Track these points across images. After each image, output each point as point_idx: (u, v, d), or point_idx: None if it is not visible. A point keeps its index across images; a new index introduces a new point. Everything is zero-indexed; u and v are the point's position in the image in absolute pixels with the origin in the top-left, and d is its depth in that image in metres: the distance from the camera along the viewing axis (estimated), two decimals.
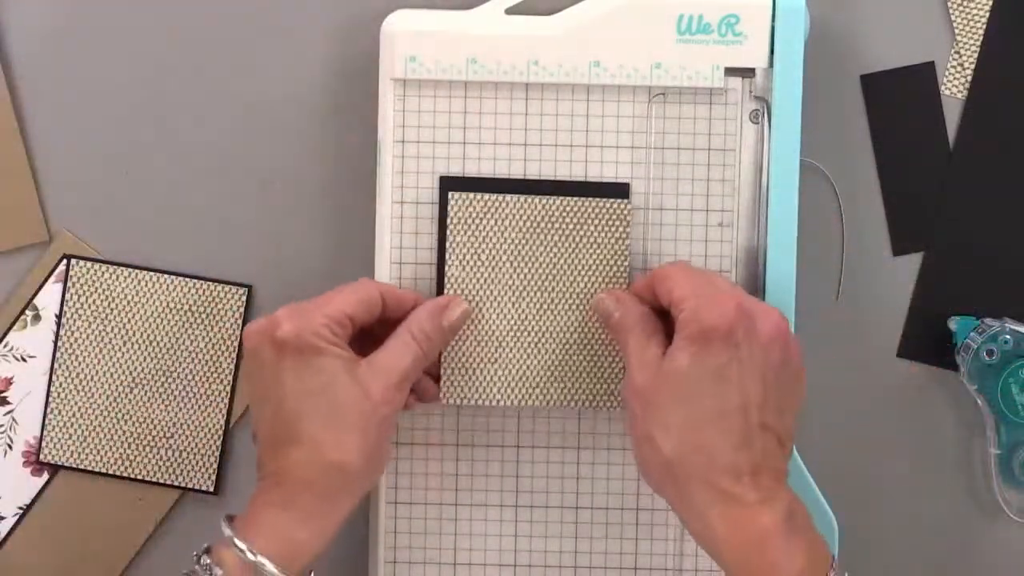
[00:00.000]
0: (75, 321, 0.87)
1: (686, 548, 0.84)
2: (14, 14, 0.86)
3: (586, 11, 0.82)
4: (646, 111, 0.82)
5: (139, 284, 0.87)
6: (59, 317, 0.87)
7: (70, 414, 0.87)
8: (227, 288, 0.87)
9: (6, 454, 0.87)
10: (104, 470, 0.87)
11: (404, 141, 0.83)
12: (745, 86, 0.82)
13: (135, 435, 0.87)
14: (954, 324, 0.85)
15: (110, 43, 0.86)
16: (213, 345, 0.87)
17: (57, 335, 0.87)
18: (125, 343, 0.87)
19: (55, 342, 0.87)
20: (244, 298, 0.87)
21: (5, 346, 0.87)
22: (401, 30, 0.82)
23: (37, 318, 0.87)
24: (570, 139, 0.83)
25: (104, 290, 0.87)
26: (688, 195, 0.83)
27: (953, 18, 0.86)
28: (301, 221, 0.87)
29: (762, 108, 0.82)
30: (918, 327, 0.87)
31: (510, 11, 0.83)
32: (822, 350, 0.85)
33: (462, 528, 0.84)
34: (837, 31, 0.85)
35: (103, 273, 0.87)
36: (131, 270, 0.87)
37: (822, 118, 0.85)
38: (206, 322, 0.87)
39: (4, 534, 0.87)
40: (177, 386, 0.87)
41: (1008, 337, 0.83)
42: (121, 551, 0.88)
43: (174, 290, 0.87)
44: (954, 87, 0.86)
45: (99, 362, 0.87)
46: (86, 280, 0.87)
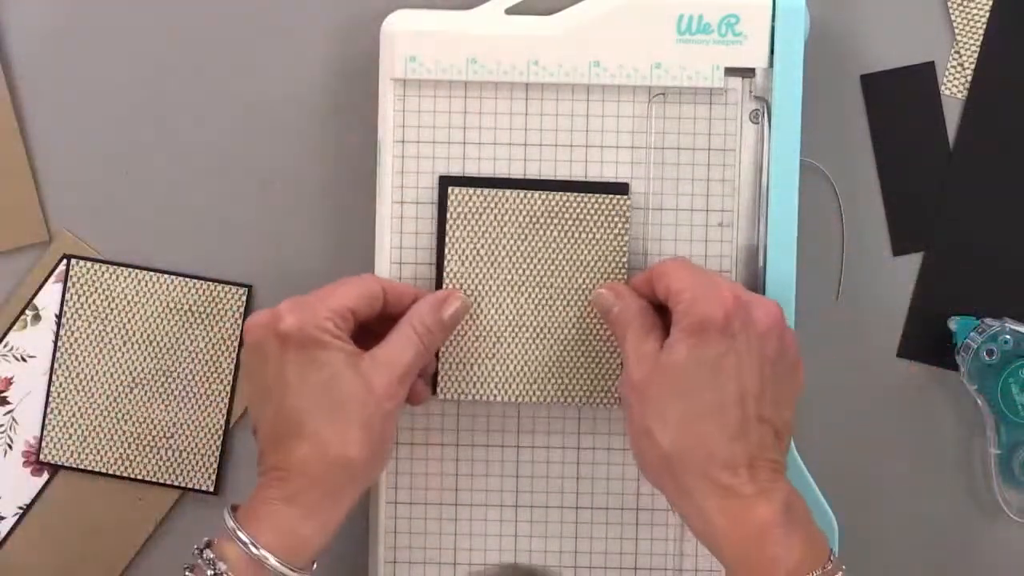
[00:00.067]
0: (75, 321, 0.87)
1: (686, 548, 0.84)
2: (14, 14, 0.86)
3: (586, 11, 0.82)
4: (646, 111, 0.82)
5: (139, 284, 0.87)
6: (59, 317, 0.87)
7: (70, 414, 0.87)
8: (227, 288, 0.87)
9: (6, 454, 0.87)
10: (104, 470, 0.87)
11: (404, 141, 0.83)
12: (745, 86, 0.82)
13: (135, 435, 0.87)
14: (954, 324, 0.85)
15: (110, 43, 0.86)
16: (213, 345, 0.87)
17: (57, 335, 0.87)
18: (125, 343, 0.87)
19: (55, 342, 0.87)
20: (244, 298, 0.87)
21: (5, 346, 0.87)
22: (401, 30, 0.82)
23: (37, 318, 0.87)
24: (570, 139, 0.83)
25: (104, 290, 0.87)
26: (688, 195, 0.83)
27: (953, 18, 0.86)
28: (301, 221, 0.87)
29: (762, 108, 0.82)
30: (918, 327, 0.87)
31: (510, 11, 0.83)
32: (822, 350, 0.85)
33: (462, 528, 0.84)
34: (837, 31, 0.85)
35: (103, 273, 0.87)
36: (131, 270, 0.87)
37: (822, 118, 0.84)
38: (206, 322, 0.87)
39: (4, 534, 0.87)
40: (177, 386, 0.87)
41: (1008, 337, 0.83)
42: (121, 551, 0.88)
43: (174, 290, 0.87)
44: (954, 87, 0.86)
45: (99, 362, 0.87)
46: (86, 280, 0.87)
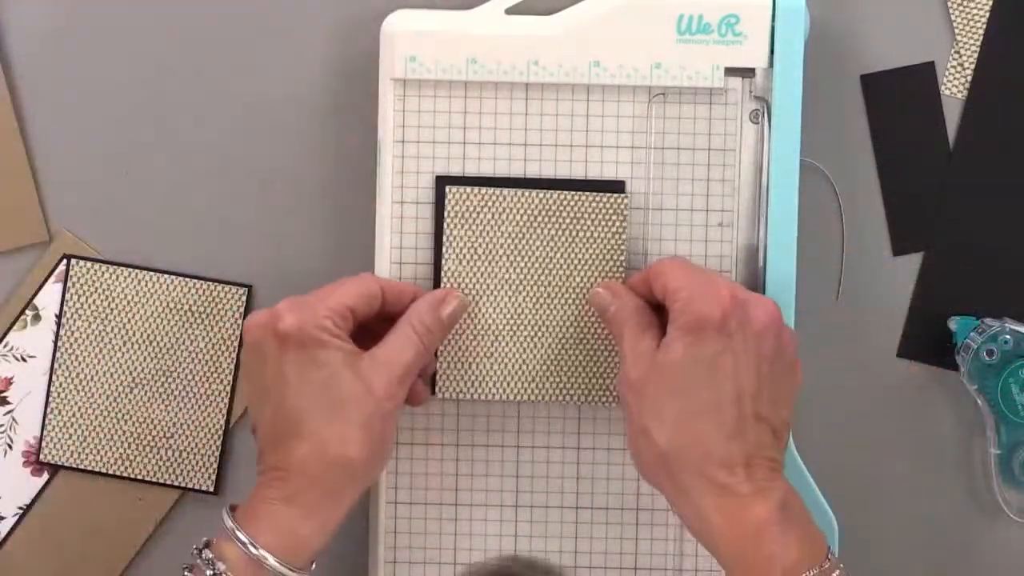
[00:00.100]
0: (75, 321, 0.87)
1: (686, 548, 0.84)
2: (14, 14, 0.86)
3: (586, 11, 0.82)
4: (646, 111, 0.82)
5: (139, 284, 0.87)
6: (59, 317, 0.87)
7: (70, 414, 0.87)
8: (227, 288, 0.87)
9: (6, 454, 0.87)
10: (104, 470, 0.87)
11: (404, 141, 0.83)
12: (745, 86, 0.82)
13: (135, 435, 0.87)
14: (954, 324, 0.85)
15: (110, 43, 0.86)
16: (213, 345, 0.87)
17: (57, 335, 0.87)
18: (125, 343, 0.87)
19: (55, 342, 0.87)
20: (244, 298, 0.87)
21: (5, 346, 0.87)
22: (401, 30, 0.82)
23: (37, 318, 0.87)
24: (570, 139, 0.82)
25: (104, 290, 0.87)
26: (688, 195, 0.83)
27: (953, 18, 0.86)
28: (301, 221, 0.87)
29: (762, 108, 0.82)
30: (918, 327, 0.87)
31: (510, 11, 0.83)
32: (822, 350, 0.85)
33: (462, 528, 0.84)
34: (837, 31, 0.85)
35: (103, 273, 0.87)
36: (131, 270, 0.87)
37: (822, 118, 0.84)
38: (206, 322, 0.87)
39: (4, 534, 0.87)
40: (177, 386, 0.87)
41: (1008, 337, 0.83)
42: (121, 551, 0.88)
43: (174, 290, 0.87)
44: (954, 87, 0.86)
45: (99, 362, 0.87)
46: (86, 280, 0.87)
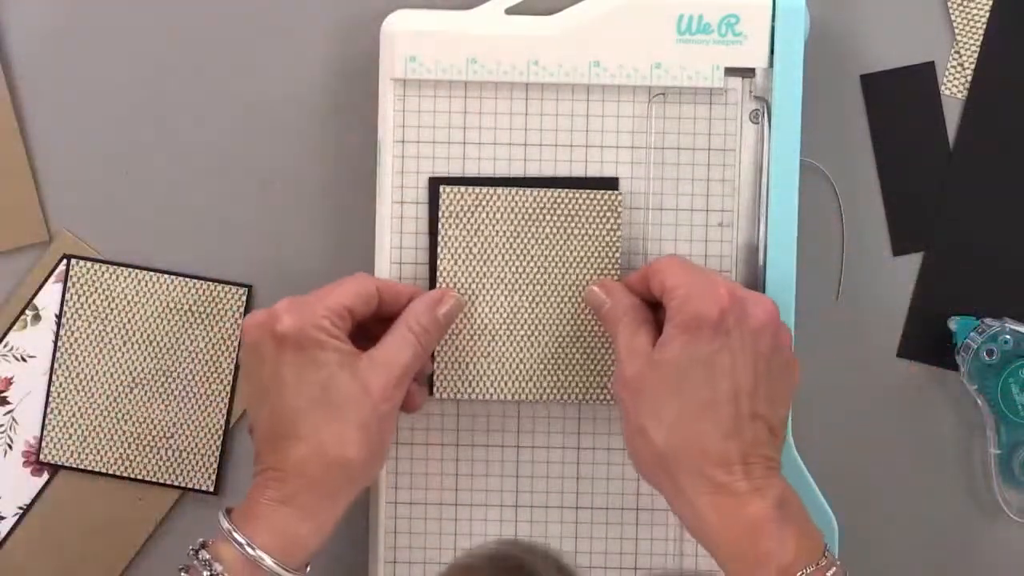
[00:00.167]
0: (75, 321, 0.87)
1: (686, 548, 0.84)
2: (14, 14, 0.86)
3: (586, 11, 0.82)
4: (646, 111, 0.82)
5: (139, 284, 0.87)
6: (59, 317, 0.87)
7: (70, 414, 0.87)
8: (227, 288, 0.87)
9: (6, 454, 0.87)
10: (104, 470, 0.87)
11: (404, 141, 0.83)
12: (745, 86, 0.82)
13: (135, 435, 0.87)
14: (954, 324, 0.85)
15: (110, 43, 0.86)
16: (213, 345, 0.87)
17: (57, 335, 0.87)
18: (125, 343, 0.87)
19: (55, 342, 0.87)
20: (244, 298, 0.87)
21: (5, 346, 0.87)
22: (401, 30, 0.82)
23: (37, 318, 0.87)
24: (570, 139, 0.82)
25: (104, 290, 0.87)
26: (688, 195, 0.83)
27: (953, 18, 0.86)
28: (301, 221, 0.87)
29: (762, 108, 0.82)
30: (918, 327, 0.87)
31: (510, 11, 0.83)
32: (822, 350, 0.85)
33: (462, 528, 0.84)
34: (837, 31, 0.85)
35: (103, 273, 0.87)
36: (131, 270, 0.87)
37: (822, 118, 0.84)
38: (206, 322, 0.87)
39: (4, 534, 0.87)
40: (177, 386, 0.87)
41: (1008, 337, 0.83)
42: (121, 551, 0.88)
43: (174, 290, 0.87)
44: (954, 87, 0.86)
45: (99, 362, 0.87)
46: (86, 280, 0.87)
